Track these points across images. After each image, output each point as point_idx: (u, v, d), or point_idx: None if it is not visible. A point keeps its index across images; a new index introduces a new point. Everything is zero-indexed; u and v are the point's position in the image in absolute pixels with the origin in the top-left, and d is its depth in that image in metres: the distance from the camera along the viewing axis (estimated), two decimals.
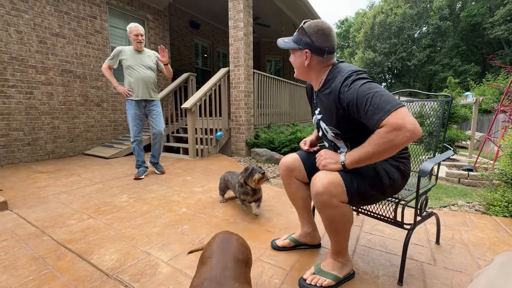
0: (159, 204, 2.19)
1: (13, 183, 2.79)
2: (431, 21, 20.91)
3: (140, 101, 2.95)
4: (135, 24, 2.87)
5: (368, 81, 0.97)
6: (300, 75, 1.21)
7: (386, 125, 0.88)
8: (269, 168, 3.81)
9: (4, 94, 3.56)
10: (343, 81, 1.01)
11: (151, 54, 3.04)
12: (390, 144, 0.89)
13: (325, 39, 1.08)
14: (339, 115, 1.06)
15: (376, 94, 0.91)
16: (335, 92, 1.03)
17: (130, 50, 2.90)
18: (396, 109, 0.87)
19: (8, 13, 3.54)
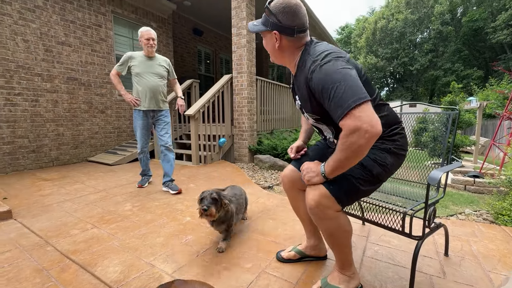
0: (162, 213, 2.18)
1: (17, 191, 2.79)
2: (433, 26, 20.98)
3: (148, 111, 2.77)
4: (146, 28, 2.67)
5: (335, 67, 0.89)
6: (275, 59, 1.15)
7: (343, 126, 0.86)
8: (272, 175, 3.79)
9: (10, 102, 3.61)
10: (310, 66, 0.95)
11: (162, 61, 2.83)
12: (355, 146, 0.85)
13: (293, 17, 1.00)
14: (313, 103, 1.01)
15: (340, 85, 0.85)
16: (305, 78, 0.99)
17: (141, 56, 2.71)
18: (355, 107, 0.83)
19: (16, 22, 3.61)
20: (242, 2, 4.57)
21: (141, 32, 2.66)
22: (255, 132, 5.01)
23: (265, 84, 5.30)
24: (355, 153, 0.87)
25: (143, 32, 2.65)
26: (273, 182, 3.40)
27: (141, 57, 2.70)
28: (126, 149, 4.67)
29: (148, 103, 2.74)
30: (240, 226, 1.94)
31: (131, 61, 2.70)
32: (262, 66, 10.28)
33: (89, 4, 4.42)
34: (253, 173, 3.88)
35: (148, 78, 2.71)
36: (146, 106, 2.74)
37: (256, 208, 2.33)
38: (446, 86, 21.69)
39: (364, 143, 0.84)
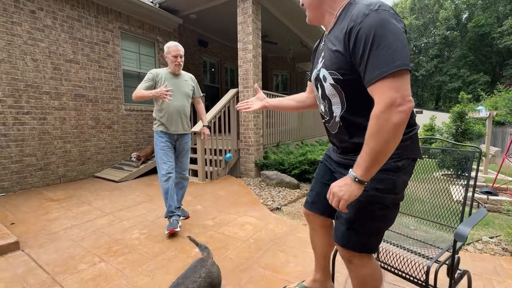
0: (170, 243, 2.14)
1: (24, 214, 2.78)
2: (438, 32, 20.86)
3: (172, 135, 2.46)
4: (174, 43, 2.38)
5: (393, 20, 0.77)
6: (313, 14, 0.99)
7: (377, 93, 0.75)
8: (279, 193, 3.73)
9: (19, 121, 3.63)
10: (362, 10, 0.79)
11: (188, 78, 2.54)
12: (390, 125, 0.73)
13: None
14: (346, 57, 0.85)
15: (392, 40, 0.73)
16: (346, 27, 0.82)
17: (166, 74, 2.41)
18: (399, 72, 0.72)
19: (25, 42, 3.65)
20: (248, 18, 4.57)
21: (169, 47, 2.36)
22: (261, 146, 4.97)
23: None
24: (393, 133, 0.74)
25: (170, 48, 2.36)
26: (281, 202, 3.34)
27: (167, 75, 2.41)
28: (131, 164, 4.66)
29: (176, 126, 2.43)
30: (250, 260, 1.88)
31: (158, 79, 2.38)
32: (267, 74, 10.29)
33: (97, 22, 4.47)
34: (260, 190, 3.83)
35: (175, 98, 2.38)
36: (173, 130, 2.42)
37: (266, 236, 2.27)
38: (452, 92, 21.45)
39: (402, 120, 0.73)
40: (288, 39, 7.50)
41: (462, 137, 6.23)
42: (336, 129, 1.00)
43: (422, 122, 13.73)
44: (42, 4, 3.79)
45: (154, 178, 4.45)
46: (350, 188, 0.82)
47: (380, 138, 0.75)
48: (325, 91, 0.97)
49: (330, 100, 0.97)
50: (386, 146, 0.76)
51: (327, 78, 0.93)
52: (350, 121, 0.94)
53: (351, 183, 0.82)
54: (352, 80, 0.86)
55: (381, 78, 0.73)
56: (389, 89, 0.72)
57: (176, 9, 5.56)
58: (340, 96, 0.92)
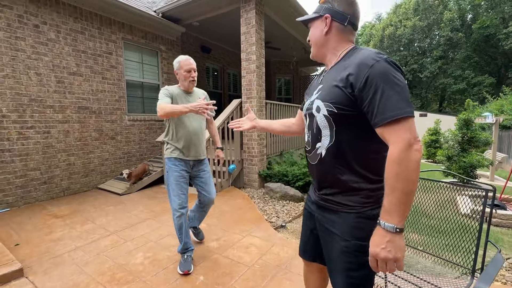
0: (174, 270, 2.11)
1: (28, 233, 2.78)
2: (442, 33, 20.64)
3: (188, 161, 2.18)
4: (185, 57, 2.11)
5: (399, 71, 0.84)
6: (317, 51, 1.06)
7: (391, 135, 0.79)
8: (284, 207, 3.69)
9: (23, 136, 3.63)
10: (370, 55, 0.85)
11: (200, 94, 2.25)
12: (413, 163, 0.75)
13: (348, 6, 0.98)
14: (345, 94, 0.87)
15: (400, 89, 0.79)
16: (355, 62, 0.87)
17: (179, 93, 2.11)
18: (409, 117, 0.78)
19: (29, 57, 3.65)
20: (251, 28, 4.54)
21: (180, 62, 2.08)
22: (264, 157, 4.94)
23: (274, 107, 5.25)
24: (414, 173, 0.76)
25: (182, 62, 2.08)
26: (285, 218, 3.31)
27: (180, 94, 2.11)
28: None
29: (194, 151, 2.16)
30: None
31: (175, 95, 2.09)
32: (270, 79, 10.25)
33: (100, 33, 4.46)
34: (264, 204, 3.80)
35: (189, 120, 2.11)
36: (191, 156, 2.15)
37: (271, 260, 2.24)
38: (456, 94, 21.23)
39: (420, 157, 0.76)
40: (291, 45, 7.47)
41: (468, 145, 6.14)
42: (316, 160, 1.01)
43: (426, 125, 13.58)
44: (45, 18, 3.79)
45: (157, 190, 4.44)
46: (394, 243, 0.77)
47: (407, 178, 0.76)
48: (313, 122, 1.00)
49: (317, 131, 0.99)
50: (414, 184, 0.76)
51: (321, 109, 0.95)
52: (334, 155, 0.95)
53: (393, 236, 0.77)
54: (345, 116, 0.89)
55: (395, 120, 0.77)
56: (405, 131, 0.77)
57: (179, 18, 5.55)
58: (330, 129, 0.94)
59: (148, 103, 5.46)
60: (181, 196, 2.08)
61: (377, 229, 0.81)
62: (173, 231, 2.79)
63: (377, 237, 0.80)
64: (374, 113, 0.81)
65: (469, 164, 5.81)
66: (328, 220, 1.00)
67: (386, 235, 0.78)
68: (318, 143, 0.99)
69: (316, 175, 1.05)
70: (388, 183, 0.78)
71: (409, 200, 0.77)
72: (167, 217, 3.22)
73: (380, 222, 0.80)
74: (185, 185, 2.14)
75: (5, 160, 3.48)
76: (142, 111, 5.33)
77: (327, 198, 1.01)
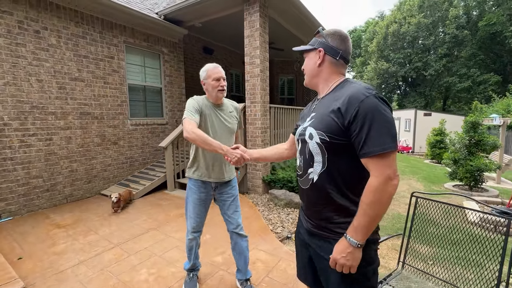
0: (179, 287, 2.07)
1: (31, 246, 2.74)
2: (447, 30, 20.30)
3: (210, 183, 1.94)
4: (213, 65, 1.88)
5: (388, 108, 0.90)
6: (310, 79, 1.13)
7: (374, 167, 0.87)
8: (289, 216, 3.64)
9: (25, 144, 3.59)
10: (361, 90, 0.91)
11: (232, 109, 1.98)
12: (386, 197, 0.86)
13: (341, 42, 1.05)
14: (336, 125, 0.93)
15: (387, 125, 0.87)
16: (346, 95, 0.93)
17: (207, 106, 1.85)
18: (392, 152, 0.86)
19: (30, 63, 3.60)
20: (255, 31, 4.45)
21: (207, 71, 1.84)
22: (268, 162, 4.88)
23: (278, 111, 5.18)
24: (386, 204, 0.87)
25: (210, 70, 1.83)
26: (291, 228, 3.25)
27: (208, 107, 1.85)
28: (138, 182, 4.61)
29: (217, 173, 1.90)
30: None
31: (204, 108, 1.83)
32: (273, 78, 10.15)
33: (102, 37, 4.39)
34: (269, 213, 3.74)
35: (219, 135, 1.84)
36: (214, 177, 1.90)
37: (278, 278, 2.19)
38: (461, 92, 20.96)
39: (395, 191, 0.87)
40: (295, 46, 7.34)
41: (475, 148, 6.03)
42: (308, 185, 1.05)
43: (431, 125, 13.43)
44: (46, 23, 3.72)
45: (161, 196, 4.40)
46: (354, 255, 0.91)
47: (379, 207, 0.87)
48: (305, 148, 1.05)
49: (309, 157, 1.03)
50: (382, 213, 0.89)
51: (313, 137, 1.00)
52: (325, 181, 0.99)
53: (354, 249, 0.91)
54: (337, 144, 0.94)
55: (378, 155, 0.85)
56: (385, 166, 0.85)
57: (181, 20, 5.46)
58: (323, 156, 0.99)
59: (151, 106, 5.40)
60: (196, 219, 1.94)
61: (342, 239, 0.94)
62: (177, 244, 2.77)
63: (341, 246, 0.93)
64: (360, 145, 0.88)
65: (476, 168, 5.71)
66: (322, 249, 1.04)
67: (349, 247, 0.91)
68: (310, 169, 1.04)
69: (306, 200, 1.10)
70: (362, 207, 0.89)
71: (375, 224, 0.90)
72: (171, 228, 3.18)
73: (346, 236, 0.92)
74: (203, 208, 1.95)
75: (7, 169, 3.45)
76: (144, 115, 5.28)
77: (318, 224, 1.04)
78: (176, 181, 4.79)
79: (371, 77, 25.59)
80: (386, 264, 2.57)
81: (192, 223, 1.94)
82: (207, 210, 2.00)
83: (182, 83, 5.97)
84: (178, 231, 3.08)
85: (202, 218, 1.97)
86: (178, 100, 5.90)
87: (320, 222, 1.03)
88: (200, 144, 1.59)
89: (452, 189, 5.96)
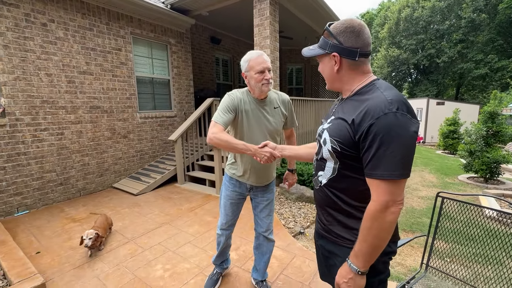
0: (195, 283, 2.07)
1: (48, 240, 2.79)
2: (464, 14, 19.31)
3: (245, 183, 1.78)
4: (257, 53, 1.57)
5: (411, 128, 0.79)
6: (331, 85, 1.03)
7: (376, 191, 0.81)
8: (300, 210, 3.60)
9: (37, 139, 3.62)
10: (381, 105, 0.81)
11: (278, 104, 1.70)
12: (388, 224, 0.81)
13: (356, 38, 0.90)
14: (349, 137, 0.88)
15: (402, 150, 0.78)
16: (365, 105, 0.84)
17: (247, 101, 1.63)
18: (400, 181, 0.79)
19: (39, 57, 3.56)
20: (265, 20, 4.28)
21: (249, 61, 1.56)
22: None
23: None
24: (387, 232, 0.83)
25: (253, 60, 1.55)
26: (303, 223, 3.22)
27: (251, 103, 1.63)
28: (149, 175, 4.63)
29: (254, 177, 1.72)
30: None
31: (240, 108, 1.61)
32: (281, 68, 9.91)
33: (109, 29, 4.31)
34: (280, 207, 3.71)
35: (256, 137, 1.61)
36: (251, 181, 1.74)
37: (293, 275, 2.16)
38: (477, 79, 20.16)
39: (395, 219, 0.81)
40: (305, 35, 7.12)
41: (493, 140, 5.81)
42: (318, 186, 1.06)
43: (444, 114, 13.01)
44: (53, 16, 3.65)
45: (171, 189, 4.41)
46: (356, 282, 0.88)
47: (378, 235, 0.82)
48: (320, 150, 1.02)
49: (321, 160, 1.02)
50: (383, 241, 0.84)
51: (327, 143, 0.96)
52: (334, 187, 0.98)
53: (355, 276, 0.87)
54: (347, 156, 0.90)
55: (385, 179, 0.79)
56: (385, 193, 0.79)
57: (188, 9, 5.30)
58: (334, 163, 0.96)
59: (159, 99, 5.36)
60: (226, 217, 1.85)
61: (345, 264, 0.91)
62: (190, 239, 2.77)
63: (343, 271, 0.91)
64: (366, 162, 0.83)
65: (493, 160, 5.51)
66: (329, 251, 1.05)
67: (350, 273, 0.88)
68: (320, 172, 1.02)
69: (316, 200, 1.10)
70: (362, 232, 0.85)
71: (376, 253, 0.85)
72: (183, 222, 3.19)
73: (348, 261, 0.90)
74: (235, 207, 1.84)
75: (21, 163, 3.49)
76: (153, 107, 5.24)
77: (326, 228, 1.04)
78: (186, 174, 4.79)
79: (381, 65, 24.83)
80: (403, 261, 2.52)
81: (222, 219, 1.88)
82: (239, 209, 1.89)
83: (190, 74, 5.87)
84: (191, 226, 3.08)
85: (232, 216, 1.87)
86: (186, 92, 5.83)
87: (328, 224, 1.03)
88: (226, 149, 1.49)
89: (467, 181, 5.80)
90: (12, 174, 3.42)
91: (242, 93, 1.65)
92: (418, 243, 2.86)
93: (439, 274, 1.66)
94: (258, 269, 1.97)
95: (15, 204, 3.46)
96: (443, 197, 1.64)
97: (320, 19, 5.94)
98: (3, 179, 3.35)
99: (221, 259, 2.05)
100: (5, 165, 3.36)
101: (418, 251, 2.73)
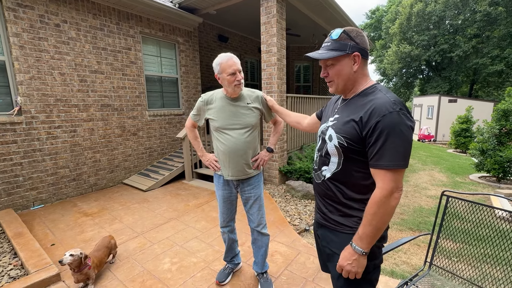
0: (202, 277, 2.13)
1: (62, 233, 2.92)
2: (479, 7, 18.64)
3: (230, 180, 1.88)
4: (227, 56, 1.67)
5: (410, 125, 0.92)
6: (345, 86, 1.07)
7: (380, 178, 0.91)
8: (306, 207, 3.62)
9: (51, 136, 3.76)
10: (386, 104, 0.92)
11: (251, 100, 1.80)
12: (390, 209, 0.91)
13: (365, 40, 1.05)
14: (354, 131, 0.97)
15: (403, 143, 0.89)
16: (371, 105, 0.95)
17: (221, 99, 1.77)
18: (400, 170, 0.90)
19: (52, 57, 3.69)
20: (272, 18, 4.28)
21: (220, 64, 1.66)
22: (285, 152, 4.83)
23: (295, 100, 5.05)
24: (389, 215, 0.92)
25: (223, 63, 1.65)
26: (308, 220, 3.24)
27: (222, 101, 1.77)
28: (158, 172, 4.74)
29: (233, 171, 1.79)
30: None
31: (208, 108, 1.80)
32: (288, 65, 9.88)
33: (119, 28, 4.40)
34: (286, 204, 3.74)
35: (230, 134, 1.75)
36: (231, 175, 1.81)
37: (297, 271, 2.20)
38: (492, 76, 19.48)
39: (397, 203, 0.92)
40: (313, 33, 7.06)
41: (507, 138, 5.64)
42: (320, 180, 1.13)
43: (456, 112, 12.67)
44: (65, 17, 3.77)
45: (179, 186, 4.50)
46: (359, 262, 0.97)
47: (382, 218, 0.92)
48: (324, 147, 1.10)
49: (326, 156, 1.09)
50: (386, 224, 0.95)
51: (333, 139, 1.04)
52: (337, 180, 1.06)
53: (359, 257, 0.97)
54: (353, 150, 0.99)
55: (388, 168, 0.90)
56: (390, 180, 0.90)
57: (196, 7, 5.35)
58: (339, 158, 1.04)
59: (167, 97, 5.45)
60: (222, 215, 1.97)
61: (348, 247, 1.00)
62: (197, 234, 2.84)
63: (347, 254, 0.99)
64: (373, 154, 0.93)
65: (506, 159, 5.36)
66: (328, 239, 1.13)
67: (355, 254, 0.97)
68: (325, 167, 1.10)
69: (317, 193, 1.18)
70: (367, 217, 0.94)
71: (378, 234, 0.95)
72: (190, 218, 3.26)
73: (352, 244, 0.98)
74: (228, 204, 1.93)
75: (37, 160, 3.64)
76: (161, 105, 5.34)
77: (326, 217, 1.12)
78: (194, 171, 4.87)
79: (392, 61, 24.30)
80: (408, 259, 2.51)
81: (220, 218, 2.00)
82: (234, 206, 1.97)
83: (198, 72, 5.94)
84: (197, 221, 3.15)
85: (228, 214, 1.96)
86: (194, 90, 5.90)
87: (328, 214, 1.11)
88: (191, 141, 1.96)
89: (478, 181, 5.66)
90: (28, 170, 3.58)
91: (216, 95, 1.81)
92: (425, 242, 2.84)
93: (445, 273, 1.66)
94: (257, 262, 2.05)
95: (31, 199, 3.62)
96: (448, 195, 1.63)
97: (328, 15, 5.88)
98: (20, 174, 3.51)
99: (230, 254, 2.13)
100: (21, 161, 3.51)
101: (424, 250, 2.71)
